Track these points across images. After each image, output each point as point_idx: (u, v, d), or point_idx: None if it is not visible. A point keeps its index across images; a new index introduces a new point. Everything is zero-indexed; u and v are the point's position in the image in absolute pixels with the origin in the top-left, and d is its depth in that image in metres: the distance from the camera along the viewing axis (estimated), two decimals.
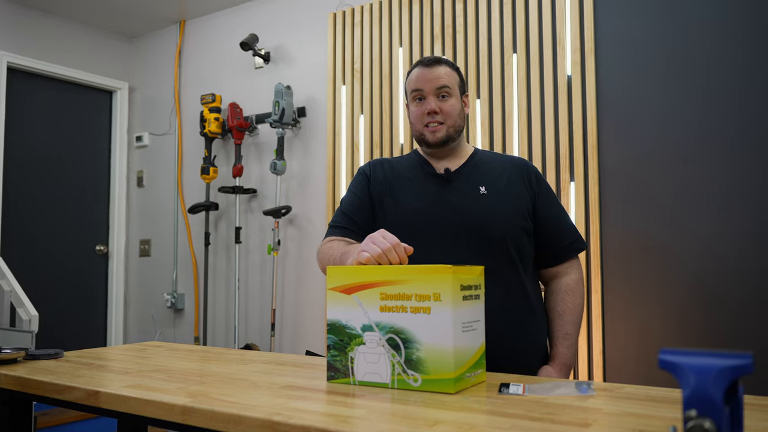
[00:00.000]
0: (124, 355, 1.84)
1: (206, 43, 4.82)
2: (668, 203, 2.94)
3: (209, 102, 4.47)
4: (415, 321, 1.25)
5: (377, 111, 3.83)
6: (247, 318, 4.40)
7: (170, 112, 4.98)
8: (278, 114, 4.02)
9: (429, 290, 1.24)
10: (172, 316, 4.84)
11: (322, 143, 4.11)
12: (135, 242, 5.13)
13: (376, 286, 1.30)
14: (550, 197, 1.90)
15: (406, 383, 1.25)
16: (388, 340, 1.28)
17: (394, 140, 3.76)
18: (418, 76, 1.86)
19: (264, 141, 4.43)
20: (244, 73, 4.56)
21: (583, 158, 3.14)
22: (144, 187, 5.11)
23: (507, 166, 1.89)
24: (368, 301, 1.30)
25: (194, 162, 4.77)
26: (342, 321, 1.33)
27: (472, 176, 1.86)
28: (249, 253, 4.44)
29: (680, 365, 0.77)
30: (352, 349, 1.32)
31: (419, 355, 1.24)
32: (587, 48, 3.15)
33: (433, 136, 1.85)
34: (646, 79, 3.03)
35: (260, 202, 4.42)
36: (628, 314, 2.98)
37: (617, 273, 3.01)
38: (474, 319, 1.31)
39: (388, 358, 1.28)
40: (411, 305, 1.25)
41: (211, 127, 4.39)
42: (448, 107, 1.84)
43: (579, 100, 3.17)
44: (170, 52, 5.02)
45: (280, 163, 4.07)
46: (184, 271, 4.80)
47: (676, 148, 2.94)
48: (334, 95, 4.04)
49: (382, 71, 3.84)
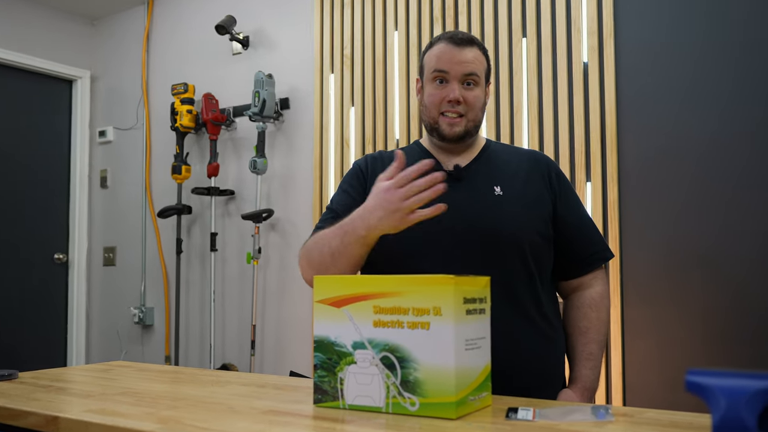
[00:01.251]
0: (87, 376, 1.83)
1: (177, 26, 4.83)
2: (697, 206, 2.95)
3: (181, 92, 4.48)
4: (413, 338, 1.24)
5: (370, 102, 3.84)
6: (224, 335, 4.40)
7: (137, 103, 4.98)
8: (258, 106, 4.02)
9: (428, 303, 1.23)
10: (139, 333, 4.83)
11: (308, 139, 4.12)
12: (98, 250, 5.12)
13: (369, 298, 1.29)
14: (573, 199, 1.89)
15: (402, 407, 1.25)
16: (383, 359, 1.27)
17: (389, 135, 3.76)
18: (444, 54, 1.80)
19: (242, 136, 4.43)
20: (220, 60, 4.56)
21: (600, 156, 3.15)
22: (108, 188, 5.11)
23: (524, 161, 1.87)
24: (360, 315, 1.29)
25: (164, 160, 4.77)
26: (330, 337, 1.33)
27: (485, 174, 1.84)
28: (226, 262, 4.44)
29: (709, 387, 0.77)
30: (341, 369, 1.31)
31: (417, 375, 1.23)
32: (606, 32, 3.16)
33: (451, 129, 1.80)
34: (673, 66, 3.03)
35: (238, 204, 4.42)
36: (651, 331, 2.98)
37: (639, 285, 3.02)
38: (478, 335, 1.30)
39: (382, 379, 1.27)
40: (408, 320, 1.25)
41: (183, 121, 4.39)
42: (473, 98, 1.80)
43: (596, 90, 3.18)
44: (137, 36, 5.01)
45: (260, 161, 4.07)
46: (153, 282, 4.79)
47: (706, 143, 2.94)
48: (321, 85, 4.04)
49: (376, 58, 3.85)
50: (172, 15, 4.87)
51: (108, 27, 5.22)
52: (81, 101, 5.17)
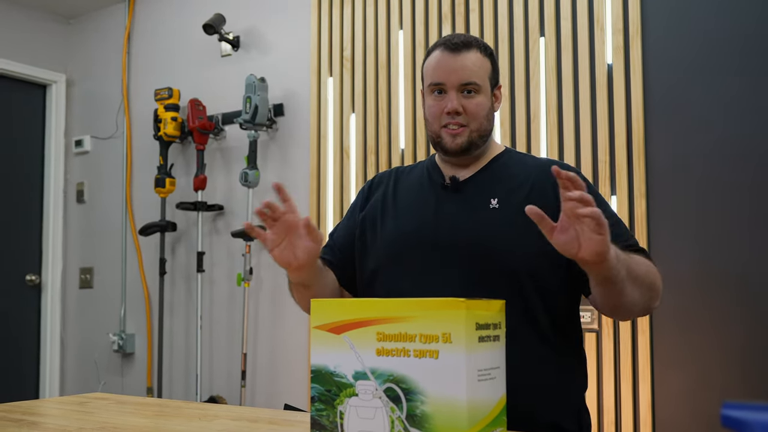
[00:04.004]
0: (61, 409, 1.83)
1: (161, 25, 4.85)
2: (735, 222, 2.93)
3: (165, 98, 4.49)
4: (420, 367, 1.23)
5: (372, 109, 3.85)
6: (212, 364, 4.39)
7: (117, 110, 4.99)
8: (250, 113, 4.03)
9: (437, 329, 1.22)
10: (119, 362, 4.82)
11: (304, 149, 4.13)
12: (74, 271, 5.12)
13: (371, 324, 1.28)
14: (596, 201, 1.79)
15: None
16: (386, 390, 1.26)
17: (393, 145, 3.77)
18: (439, 63, 1.83)
19: (233, 146, 4.44)
20: (207, 62, 4.58)
21: (627, 167, 3.15)
22: (85, 202, 5.12)
23: (534, 171, 1.84)
24: (362, 343, 1.29)
25: (147, 172, 4.78)
26: (329, 367, 1.32)
27: (484, 185, 1.83)
28: (214, 284, 4.45)
29: (748, 422, 0.77)
30: (341, 401, 1.30)
31: (424, 409, 1.22)
32: (632, 30, 3.17)
33: (453, 142, 1.81)
34: (708, 66, 3.03)
35: (228, 221, 4.43)
36: (684, 361, 2.97)
37: (670, 309, 3.00)
38: (492, 365, 1.29)
39: (386, 413, 1.26)
40: (415, 348, 1.24)
41: (168, 129, 4.40)
42: (474, 107, 1.81)
43: (622, 94, 3.18)
44: (117, 36, 5.04)
45: (252, 174, 4.08)
46: (134, 306, 4.79)
47: (746, 151, 2.92)
48: (318, 89, 4.05)
49: (378, 60, 3.86)
50: (155, 13, 4.89)
51: (85, 26, 5.24)
52: (56, 108, 5.17)
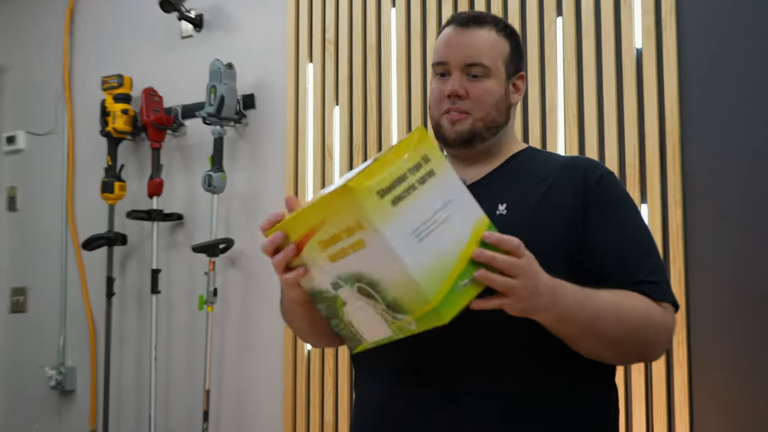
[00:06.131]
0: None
1: (110, 1, 4.82)
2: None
3: (114, 87, 4.47)
4: (362, 259, 1.36)
5: (360, 100, 3.86)
6: (169, 403, 4.37)
7: (57, 102, 4.97)
8: (215, 105, 4.02)
9: (350, 220, 1.32)
10: (57, 401, 4.79)
11: (279, 147, 4.12)
12: (3, 292, 5.08)
13: (310, 236, 1.41)
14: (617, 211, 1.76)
15: (405, 329, 1.41)
16: (359, 290, 1.41)
17: (384, 143, 3.78)
18: (444, 41, 1.83)
19: (194, 144, 4.43)
20: (165, 45, 4.58)
21: (660, 169, 3.15)
22: (17, 210, 5.08)
23: (555, 169, 1.80)
24: (316, 256, 1.43)
25: (92, 174, 4.75)
26: (316, 287, 1.49)
27: (494, 187, 1.80)
28: (172, 307, 4.43)
29: None
30: (342, 312, 1.49)
31: (392, 295, 1.36)
32: (665, 9, 3.19)
33: (452, 129, 1.79)
34: (754, 53, 3.05)
35: (188, 233, 4.42)
36: (726, 399, 2.97)
37: (711, 338, 3.01)
38: (433, 210, 1.36)
39: (373, 309, 1.42)
40: (348, 243, 1.35)
41: (117, 124, 4.39)
42: (480, 92, 1.78)
43: (653, 84, 3.19)
44: (57, 15, 5.02)
45: (217, 177, 4.06)
46: (75, 334, 4.76)
47: None
48: (296, 78, 4.05)
49: (367, 43, 3.87)
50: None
51: (20, 6, 5.22)
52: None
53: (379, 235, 1.29)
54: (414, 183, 1.34)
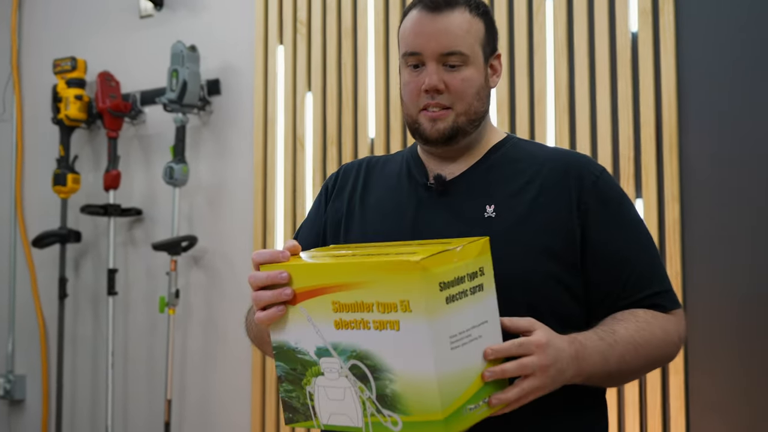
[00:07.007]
0: None
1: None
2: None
3: (67, 71, 4.47)
4: (382, 341, 1.33)
5: (334, 86, 3.86)
6: (127, 414, 4.38)
7: (4, 86, 4.96)
8: (177, 90, 4.02)
9: (394, 297, 1.30)
10: (5, 411, 4.80)
11: (246, 137, 4.12)
12: None
13: (326, 292, 1.38)
14: (617, 216, 1.79)
15: (383, 427, 1.36)
16: (352, 368, 1.37)
17: (359, 132, 3.78)
18: (415, 27, 1.79)
19: (154, 133, 4.42)
20: (122, 25, 4.57)
21: (656, 163, 3.17)
22: None
23: (545, 167, 1.80)
24: (319, 314, 1.39)
25: (42, 166, 4.74)
26: (291, 343, 1.44)
27: (479, 185, 1.80)
28: (130, 310, 4.42)
29: None
30: (308, 381, 1.43)
31: (394, 388, 1.33)
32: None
33: (433, 128, 1.77)
34: (759, 39, 3.05)
35: (148, 229, 4.41)
36: (725, 405, 3.00)
37: (709, 343, 3.03)
38: (473, 323, 1.37)
39: (356, 394, 1.37)
40: (374, 318, 1.33)
41: (70, 111, 4.39)
42: (459, 83, 1.76)
43: (650, 71, 3.20)
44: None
45: (179, 168, 4.06)
46: (25, 339, 4.76)
47: None
48: (265, 62, 4.05)
49: (341, 24, 3.87)
50: None
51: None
52: None
53: (423, 326, 1.27)
54: (467, 290, 1.35)
